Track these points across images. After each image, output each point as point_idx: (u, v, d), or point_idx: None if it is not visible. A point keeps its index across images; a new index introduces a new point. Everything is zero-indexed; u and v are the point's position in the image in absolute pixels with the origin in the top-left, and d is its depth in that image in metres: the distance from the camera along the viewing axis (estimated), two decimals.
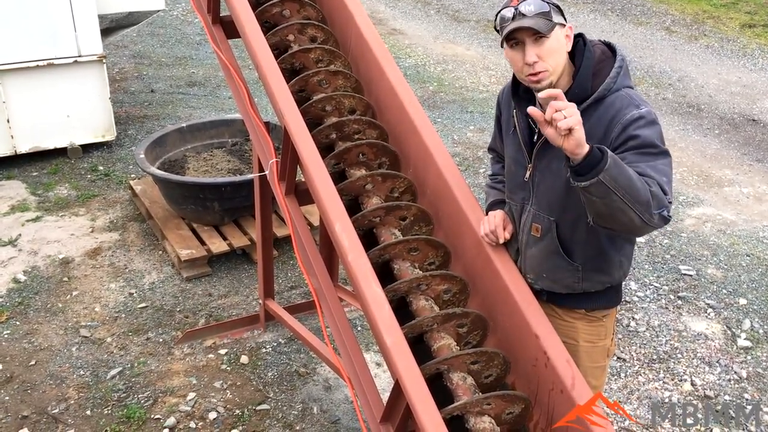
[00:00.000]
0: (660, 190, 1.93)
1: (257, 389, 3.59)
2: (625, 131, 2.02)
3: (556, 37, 2.04)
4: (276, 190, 3.02)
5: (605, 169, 1.82)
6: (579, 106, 2.05)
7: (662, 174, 1.98)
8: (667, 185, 1.98)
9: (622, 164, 1.88)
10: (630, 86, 2.13)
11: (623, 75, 2.11)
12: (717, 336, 4.09)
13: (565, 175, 2.11)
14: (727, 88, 7.88)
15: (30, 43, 5.41)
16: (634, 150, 2.01)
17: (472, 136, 6.57)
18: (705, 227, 5.22)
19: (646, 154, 2.00)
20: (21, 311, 4.12)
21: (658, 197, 1.92)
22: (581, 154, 1.85)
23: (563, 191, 2.16)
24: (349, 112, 2.87)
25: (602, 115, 2.07)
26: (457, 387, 2.12)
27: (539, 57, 2.03)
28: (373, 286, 2.23)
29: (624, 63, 2.12)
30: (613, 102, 2.07)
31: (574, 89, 2.09)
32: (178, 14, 9.80)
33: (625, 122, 2.02)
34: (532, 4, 2.02)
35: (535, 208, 2.26)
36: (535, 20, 2.00)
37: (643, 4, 10.71)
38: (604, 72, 2.11)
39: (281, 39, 3.05)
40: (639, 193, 1.87)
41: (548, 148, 2.17)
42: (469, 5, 10.76)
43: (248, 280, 4.48)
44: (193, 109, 6.97)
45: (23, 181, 5.54)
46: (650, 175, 1.95)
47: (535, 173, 2.24)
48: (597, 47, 2.17)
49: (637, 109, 2.03)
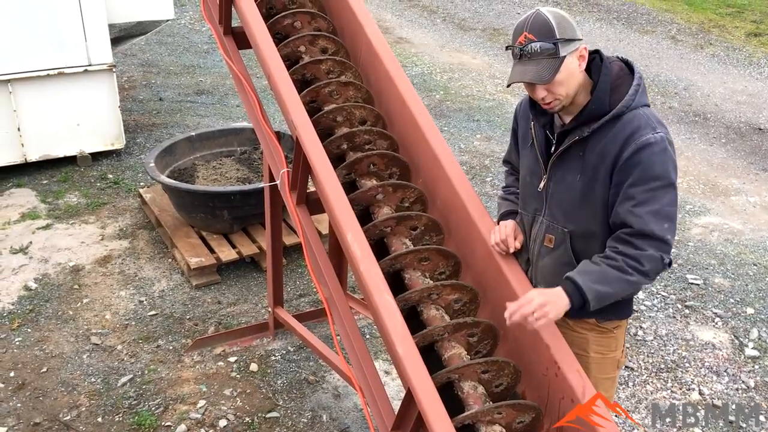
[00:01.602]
0: (656, 253, 2.07)
1: (267, 397, 3.62)
2: (637, 154, 2.05)
3: (565, 68, 2.06)
4: (287, 199, 3.05)
5: (591, 302, 2.09)
6: (596, 122, 2.09)
7: (663, 219, 2.07)
8: (668, 231, 2.08)
9: (606, 276, 2.09)
10: (647, 104, 2.15)
11: (641, 93, 2.13)
12: (724, 345, 4.09)
13: (578, 188, 2.15)
14: (733, 97, 7.89)
15: (41, 53, 5.46)
16: (641, 182, 2.05)
17: (478, 145, 6.60)
18: (712, 236, 5.23)
19: (651, 189, 2.05)
20: (32, 318, 4.15)
21: (652, 270, 2.10)
22: (564, 310, 2.11)
23: (577, 203, 2.19)
24: (359, 123, 2.90)
25: (618, 133, 2.09)
26: (468, 396, 2.14)
27: (548, 91, 2.09)
28: (384, 296, 2.26)
29: (642, 81, 2.14)
30: (630, 120, 2.09)
31: (592, 105, 2.12)
32: (185, 23, 9.87)
33: (640, 144, 2.05)
34: (538, 44, 2.03)
35: (548, 219, 2.28)
36: (538, 67, 2.03)
37: (649, 13, 10.74)
38: (622, 89, 2.12)
39: (293, 50, 3.08)
40: (633, 286, 2.14)
41: (563, 160, 2.20)
42: (475, 14, 10.80)
43: (257, 288, 4.50)
44: (201, 117, 7.01)
45: (33, 189, 5.59)
46: (650, 233, 2.06)
47: (549, 184, 2.26)
48: (615, 64, 2.18)
49: (653, 132, 2.05)
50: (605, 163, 2.10)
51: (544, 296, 2.10)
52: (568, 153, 2.19)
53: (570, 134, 2.17)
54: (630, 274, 2.08)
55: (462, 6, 11.17)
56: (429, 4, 11.27)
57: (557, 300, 2.10)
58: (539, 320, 2.07)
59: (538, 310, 2.07)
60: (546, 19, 2.04)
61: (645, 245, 2.07)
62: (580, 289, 2.09)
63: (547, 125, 2.25)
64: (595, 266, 2.12)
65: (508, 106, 7.51)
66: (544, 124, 2.26)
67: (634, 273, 2.08)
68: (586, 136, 2.13)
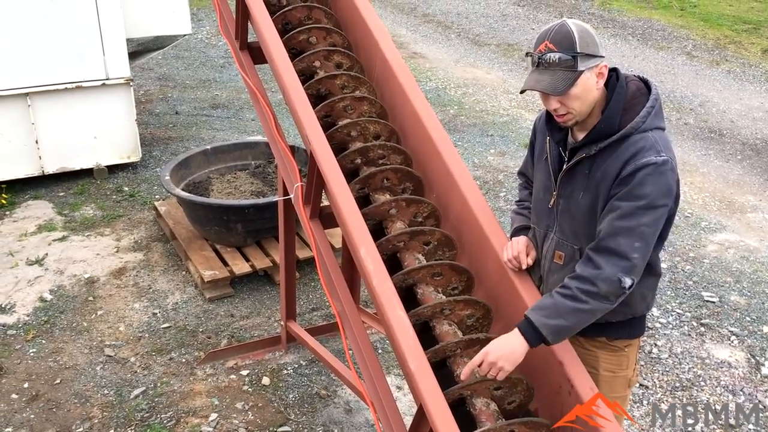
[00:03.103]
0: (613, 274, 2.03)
1: (278, 411, 3.61)
2: (634, 173, 2.03)
3: (582, 83, 2.04)
4: (301, 213, 3.06)
5: (548, 337, 2.07)
6: (604, 141, 2.09)
7: (636, 237, 2.02)
8: (637, 251, 2.03)
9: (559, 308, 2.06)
10: (661, 127, 2.12)
11: (654, 115, 2.10)
12: (740, 364, 4.05)
13: (584, 205, 2.14)
14: (749, 113, 7.85)
15: (59, 66, 5.54)
16: (627, 197, 2.03)
17: (492, 160, 6.60)
18: (728, 253, 5.18)
19: (635, 207, 2.02)
20: (47, 330, 4.18)
21: (609, 293, 2.04)
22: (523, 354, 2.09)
23: (584, 220, 2.18)
24: (373, 138, 2.91)
25: (622, 153, 2.07)
26: (480, 413, 2.13)
27: (561, 104, 2.08)
28: (397, 311, 2.25)
29: (657, 102, 2.12)
30: (636, 142, 2.06)
31: (601, 124, 2.10)
32: (202, 37, 9.97)
33: (639, 164, 2.02)
34: (557, 54, 2.02)
35: (558, 236, 2.28)
36: (554, 77, 2.02)
37: (664, 29, 10.72)
38: (636, 109, 2.10)
39: (308, 65, 3.11)
40: (592, 313, 2.08)
41: (572, 177, 2.19)
42: (490, 29, 10.84)
43: (270, 301, 4.51)
44: (216, 131, 7.07)
45: (50, 201, 5.64)
46: (614, 247, 2.03)
47: (559, 201, 2.26)
48: (632, 83, 2.16)
49: (657, 155, 2.03)
50: (606, 181, 2.09)
51: (497, 350, 2.08)
52: (575, 170, 2.19)
53: (579, 151, 2.17)
54: (583, 302, 2.05)
55: (477, 21, 11.21)
56: (444, 20, 11.32)
57: (512, 347, 2.08)
58: (498, 375, 2.08)
59: (493, 369, 2.07)
60: (569, 31, 2.04)
61: (604, 263, 2.04)
62: (534, 326, 2.07)
63: (561, 142, 2.25)
64: (549, 299, 2.10)
65: (522, 121, 7.51)
66: (558, 141, 2.25)
67: (589, 299, 2.05)
68: (593, 154, 2.13)
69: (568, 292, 2.07)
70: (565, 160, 2.23)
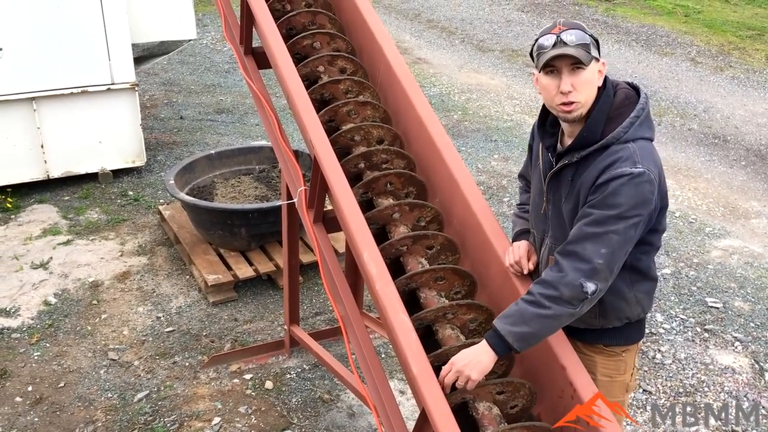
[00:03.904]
0: (575, 279, 2.00)
1: (281, 415, 3.62)
2: (607, 184, 2.01)
3: (592, 70, 2.05)
4: (304, 217, 3.07)
5: (514, 344, 2.05)
6: (585, 149, 2.09)
7: (603, 244, 2.00)
8: (602, 257, 2.00)
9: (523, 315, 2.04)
10: (647, 137, 2.09)
11: (639, 125, 2.07)
12: (744, 370, 4.04)
13: (566, 211, 2.15)
14: (753, 119, 7.84)
15: (65, 71, 5.57)
16: (599, 206, 2.02)
17: (496, 165, 6.61)
18: (732, 259, 5.18)
19: (606, 216, 2.00)
20: (51, 333, 4.19)
21: (572, 298, 2.02)
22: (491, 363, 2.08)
23: (568, 226, 2.18)
24: (377, 142, 2.92)
25: (599, 163, 2.06)
26: (482, 417, 2.13)
27: (574, 87, 2.04)
28: (400, 315, 2.26)
29: (643, 112, 2.09)
30: (616, 152, 2.04)
31: (584, 132, 2.09)
32: (207, 43, 10.01)
33: (614, 174, 2.00)
34: (573, 34, 2.02)
35: (551, 241, 2.28)
36: (577, 50, 2.01)
37: (668, 35, 10.72)
38: (620, 119, 2.08)
39: (312, 70, 3.12)
40: (557, 320, 2.06)
41: (558, 183, 2.20)
42: (494, 35, 10.85)
43: (273, 305, 4.52)
44: (221, 135, 7.09)
45: (55, 205, 5.66)
46: (579, 251, 2.01)
47: (549, 206, 2.27)
48: (621, 90, 2.14)
49: (633, 166, 2.00)
50: (584, 189, 2.09)
51: (464, 359, 2.07)
52: (561, 176, 2.19)
53: (564, 157, 2.17)
54: (546, 307, 2.03)
55: (481, 27, 11.23)
56: (448, 26, 11.35)
57: (479, 357, 2.07)
58: (467, 384, 2.06)
59: (461, 378, 2.06)
60: (576, 21, 2.09)
61: (567, 267, 2.03)
62: (499, 334, 2.07)
63: (550, 148, 2.25)
64: (515, 306, 2.09)
65: (526, 126, 7.52)
66: (548, 146, 2.25)
67: (552, 304, 2.03)
68: (575, 161, 2.13)
69: (531, 298, 2.07)
70: (553, 165, 2.23)
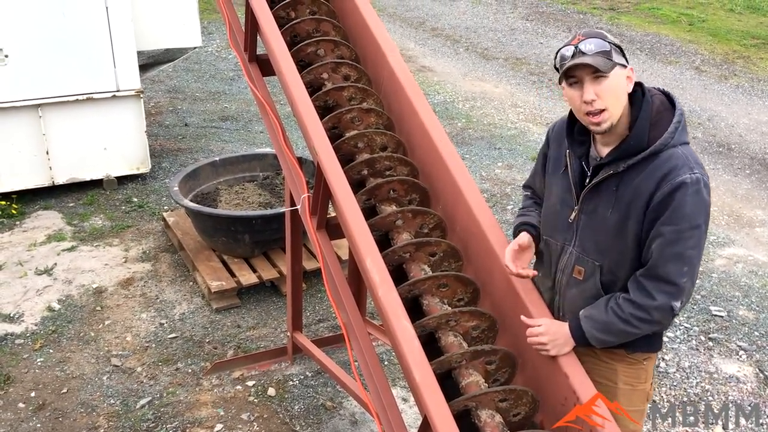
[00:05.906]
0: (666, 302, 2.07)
1: (284, 422, 3.61)
2: (671, 194, 2.01)
3: (615, 77, 2.04)
4: (307, 224, 3.07)
5: (594, 344, 2.18)
6: (633, 157, 2.08)
7: (684, 263, 2.05)
8: (685, 275, 2.06)
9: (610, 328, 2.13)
10: (686, 142, 2.10)
11: (681, 130, 2.08)
12: (749, 379, 4.02)
13: (611, 222, 2.13)
14: (758, 128, 7.83)
15: (71, 78, 5.59)
16: (670, 222, 2.03)
17: (500, 173, 6.61)
18: (736, 268, 5.16)
19: (679, 230, 2.02)
20: (55, 339, 4.20)
21: (662, 319, 2.11)
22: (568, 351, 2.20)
23: (609, 236, 2.15)
24: (380, 149, 2.93)
25: (655, 171, 2.05)
26: (485, 425, 2.12)
27: (597, 95, 2.03)
28: (402, 321, 2.26)
29: (683, 117, 2.10)
30: (668, 158, 2.05)
31: (630, 140, 2.08)
32: (212, 50, 10.05)
33: (675, 184, 2.01)
34: (592, 43, 2.02)
35: (578, 251, 2.24)
36: (595, 59, 2.01)
37: (673, 44, 10.73)
38: (662, 124, 2.08)
39: (316, 77, 3.13)
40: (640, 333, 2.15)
41: (596, 193, 2.17)
42: (498, 43, 10.87)
43: (276, 312, 4.52)
44: (225, 142, 7.11)
45: (60, 212, 5.68)
46: (664, 275, 2.06)
47: (580, 216, 2.22)
48: (656, 97, 2.14)
49: (691, 172, 2.02)
50: (640, 200, 2.06)
51: (552, 334, 2.21)
52: (601, 186, 2.15)
53: (605, 168, 2.13)
54: (635, 326, 2.12)
55: (485, 36, 11.25)
56: (452, 34, 11.37)
57: (563, 341, 2.21)
58: (540, 351, 2.23)
59: (542, 347, 2.22)
60: (597, 30, 2.12)
61: (656, 292, 2.06)
62: (584, 335, 2.18)
63: (583, 156, 2.21)
64: (604, 314, 2.15)
65: (530, 134, 7.52)
66: (580, 155, 2.22)
67: (641, 325, 2.11)
68: (621, 171, 2.10)
69: (622, 315, 2.11)
70: (588, 175, 2.20)
